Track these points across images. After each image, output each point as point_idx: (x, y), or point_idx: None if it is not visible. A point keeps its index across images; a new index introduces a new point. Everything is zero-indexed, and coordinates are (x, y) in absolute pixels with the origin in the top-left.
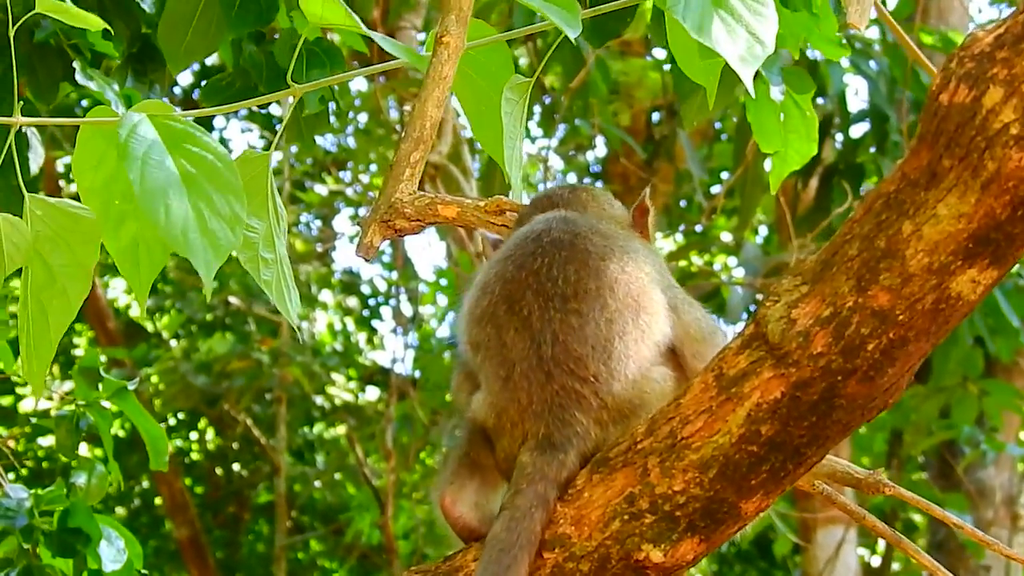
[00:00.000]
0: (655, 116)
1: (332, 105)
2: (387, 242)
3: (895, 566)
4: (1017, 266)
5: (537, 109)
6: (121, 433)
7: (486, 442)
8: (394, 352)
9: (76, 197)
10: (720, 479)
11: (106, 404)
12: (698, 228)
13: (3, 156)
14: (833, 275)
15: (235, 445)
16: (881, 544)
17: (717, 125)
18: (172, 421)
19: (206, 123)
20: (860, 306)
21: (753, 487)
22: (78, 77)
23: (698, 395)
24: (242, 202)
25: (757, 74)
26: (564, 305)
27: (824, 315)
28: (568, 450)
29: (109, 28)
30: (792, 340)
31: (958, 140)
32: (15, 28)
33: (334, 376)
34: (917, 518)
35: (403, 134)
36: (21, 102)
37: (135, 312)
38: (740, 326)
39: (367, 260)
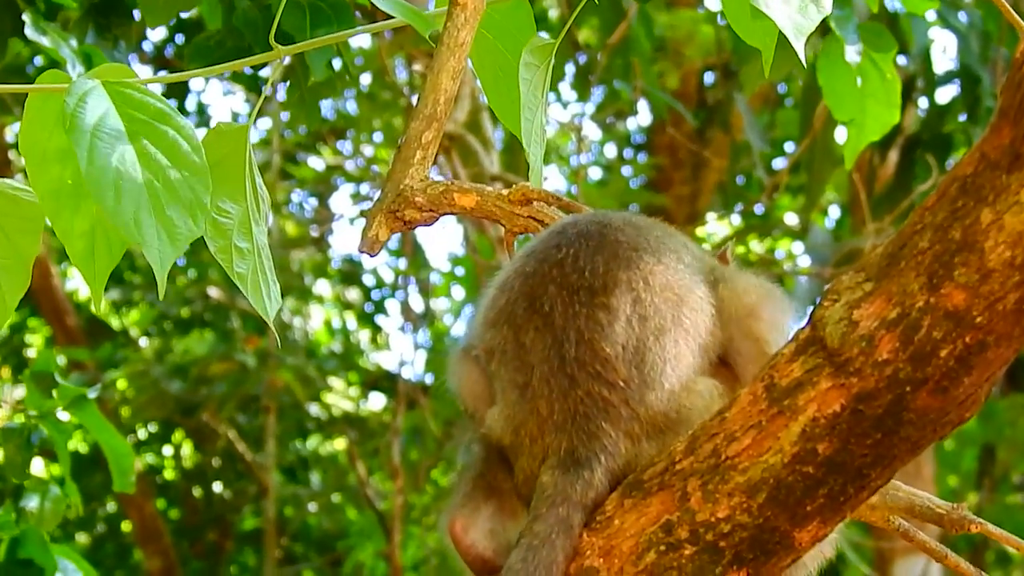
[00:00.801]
0: (708, 78)
1: (338, 61)
2: None
3: None
4: None
5: (570, 69)
6: (82, 448)
7: (503, 462)
8: (402, 354)
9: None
10: (771, 504)
11: (63, 415)
12: (758, 209)
13: None
14: (901, 271)
15: (216, 462)
16: None
17: (781, 88)
18: (142, 434)
19: (182, 87)
20: (932, 307)
21: (809, 514)
22: (28, 31)
23: (746, 408)
24: (207, 185)
25: (828, 31)
26: (591, 299)
27: (891, 317)
28: (595, 467)
29: None
30: (854, 345)
31: None
32: None
33: (332, 381)
34: (1013, 552)
35: (414, 110)
36: None
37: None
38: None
39: (371, 255)
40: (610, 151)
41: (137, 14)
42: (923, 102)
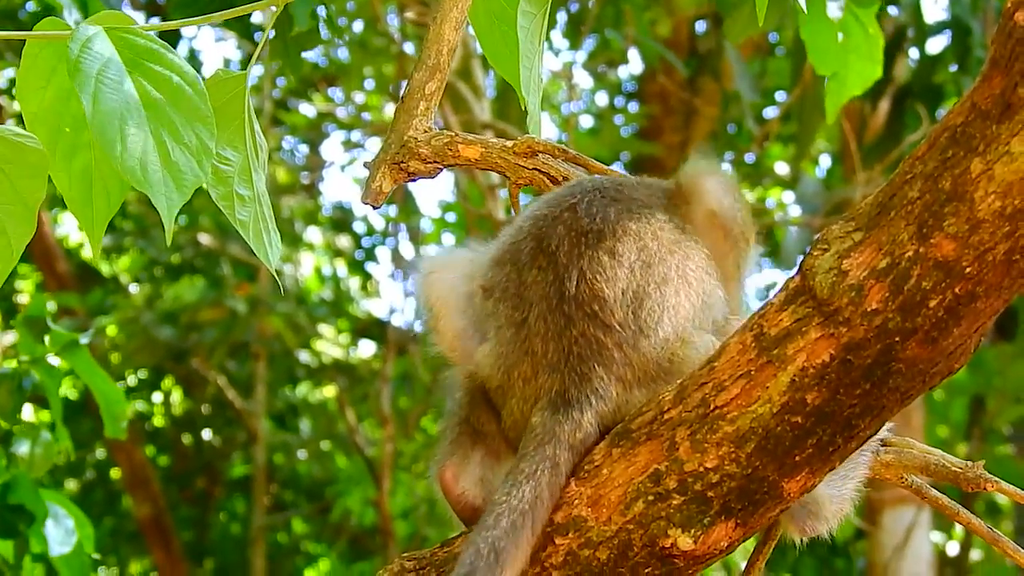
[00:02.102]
0: (699, 26)
1: (322, 10)
2: None
3: (975, 554)
4: None
5: (562, 17)
6: (72, 394)
7: (487, 404)
8: (392, 301)
9: (21, 119)
10: (759, 454)
11: (54, 360)
12: (748, 158)
13: None
14: (891, 220)
15: (206, 409)
16: (958, 528)
17: (772, 37)
18: (132, 380)
19: (173, 34)
20: (921, 256)
21: (798, 464)
22: None
23: (735, 358)
24: (211, 131)
25: None
26: (598, 242)
27: (880, 266)
28: (585, 409)
29: None
30: (843, 295)
31: None
32: None
33: (322, 329)
34: (1001, 499)
35: (417, 61)
36: None
37: (89, 253)
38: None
39: (375, 207)
40: (601, 99)
41: None
42: (914, 52)
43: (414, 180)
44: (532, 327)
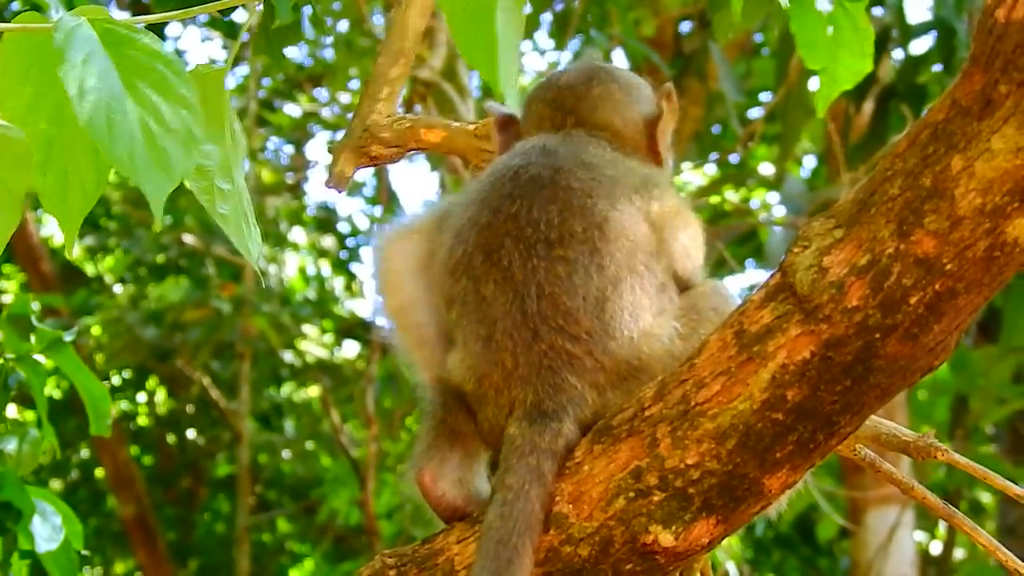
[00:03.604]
0: (684, 26)
1: (307, 10)
2: (370, 172)
3: (958, 553)
4: None
5: (547, 17)
6: (56, 393)
7: (462, 405)
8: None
9: None
10: (740, 451)
11: (39, 358)
12: (733, 158)
13: None
14: (872, 217)
15: (190, 408)
16: (943, 527)
17: (757, 38)
18: (116, 380)
19: (160, 33)
20: (902, 253)
21: (778, 460)
22: None
23: (715, 354)
24: (197, 118)
25: None
26: (548, 252)
27: (861, 263)
28: (563, 418)
29: None
30: (824, 292)
31: (1017, 63)
32: None
33: (306, 329)
34: (986, 499)
35: (381, 46)
36: None
37: (75, 251)
38: None
39: (339, 191)
40: None
41: None
42: (898, 53)
43: (378, 164)
44: (499, 342)
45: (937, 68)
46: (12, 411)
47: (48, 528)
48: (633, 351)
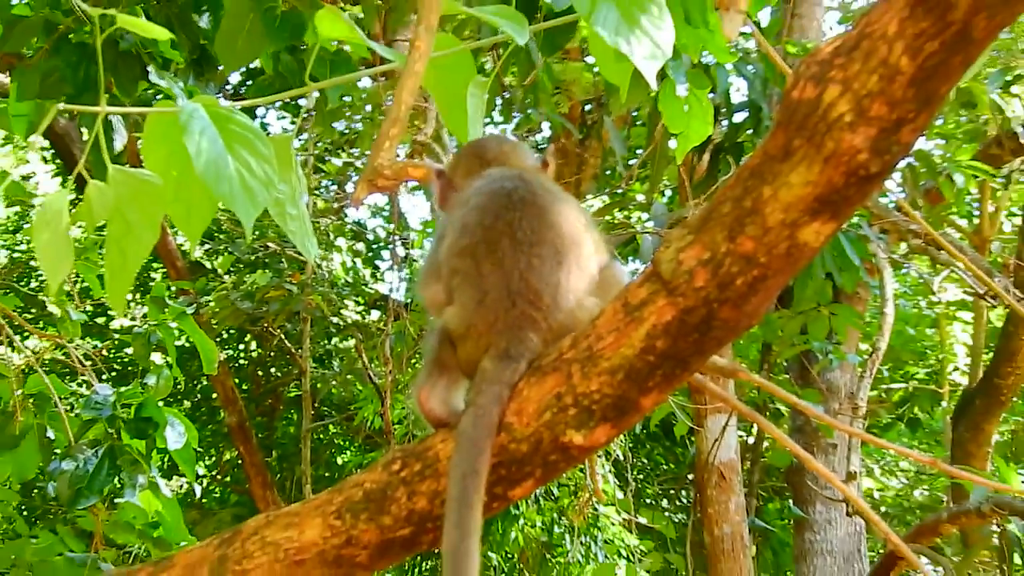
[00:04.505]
0: (588, 106)
1: (348, 98)
2: (385, 200)
3: (765, 444)
4: (856, 218)
5: (498, 102)
6: (185, 344)
7: (452, 347)
8: (391, 284)
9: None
10: (625, 381)
11: (172, 324)
12: (619, 191)
13: (92, 138)
14: (711, 227)
15: (272, 354)
16: (755, 428)
17: (634, 113)
18: (224, 336)
19: (251, 113)
20: (731, 251)
21: (650, 387)
22: (152, 77)
23: (610, 318)
24: (273, 168)
25: (665, 74)
26: (529, 250)
27: (704, 258)
28: (521, 361)
29: (175, 39)
30: (680, 276)
31: (806, 125)
32: (102, 38)
33: (346, 302)
34: (783, 409)
35: (386, 115)
36: (107, 95)
37: (197, 254)
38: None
39: (356, 208)
40: None
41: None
42: (724, 123)
43: (382, 191)
44: (488, 306)
45: (750, 132)
46: (156, 357)
47: (175, 434)
48: (570, 318)
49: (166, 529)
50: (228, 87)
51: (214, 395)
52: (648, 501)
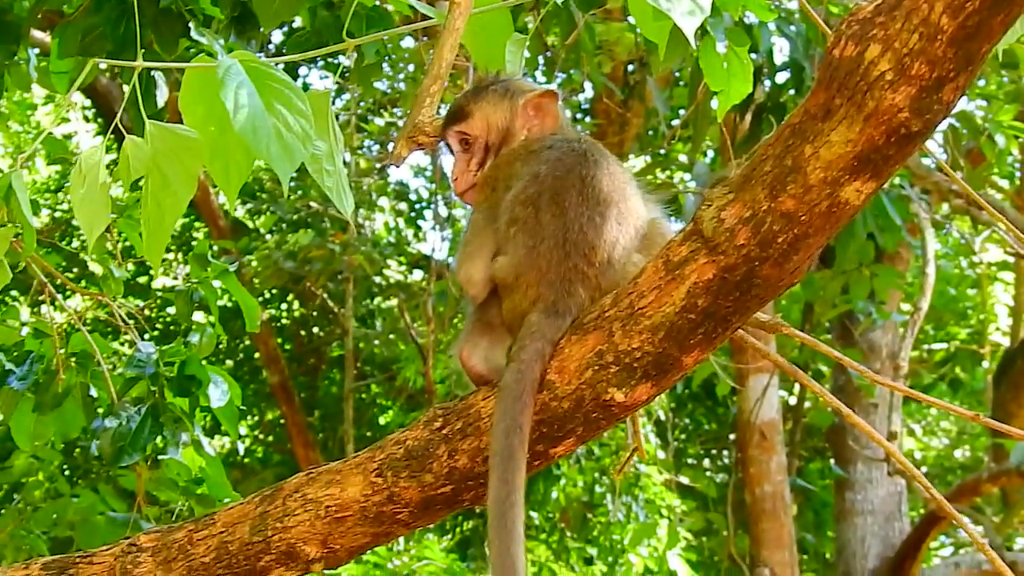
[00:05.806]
0: (630, 67)
1: (387, 57)
2: (428, 159)
3: (806, 404)
4: (898, 179)
5: (540, 61)
6: (228, 304)
7: (496, 307)
8: (434, 244)
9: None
10: (667, 339)
11: (215, 283)
12: (662, 151)
13: (129, 94)
14: (752, 186)
15: (315, 313)
16: (797, 387)
17: (676, 74)
18: (267, 295)
19: (293, 73)
20: (772, 210)
21: (692, 345)
22: (193, 34)
23: (651, 276)
24: (310, 123)
25: (706, 31)
26: (595, 208)
27: (745, 216)
28: (567, 317)
29: None
30: (721, 234)
31: (847, 84)
32: None
33: (389, 262)
34: (824, 369)
35: (426, 72)
36: (147, 51)
37: (240, 213)
38: None
39: (396, 166)
40: (567, 114)
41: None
42: (767, 83)
43: (422, 149)
44: (541, 253)
45: (792, 92)
46: (198, 316)
47: (219, 392)
48: (620, 275)
49: (210, 486)
50: (271, 46)
51: (256, 355)
52: (689, 461)
